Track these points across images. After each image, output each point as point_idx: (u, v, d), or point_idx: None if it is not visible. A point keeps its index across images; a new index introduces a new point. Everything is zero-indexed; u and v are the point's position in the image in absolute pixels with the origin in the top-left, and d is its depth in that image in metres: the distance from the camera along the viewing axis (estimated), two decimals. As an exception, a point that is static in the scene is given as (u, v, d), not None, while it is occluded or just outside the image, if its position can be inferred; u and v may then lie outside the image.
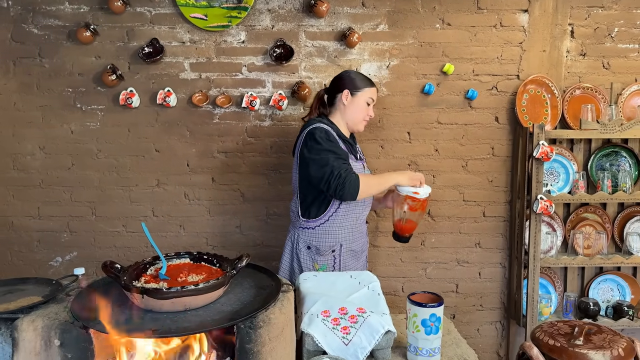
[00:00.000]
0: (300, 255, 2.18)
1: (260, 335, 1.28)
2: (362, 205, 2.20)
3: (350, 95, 2.17)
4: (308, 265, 2.17)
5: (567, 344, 1.49)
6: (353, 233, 2.20)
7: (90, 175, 2.72)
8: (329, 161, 2.01)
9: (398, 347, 1.68)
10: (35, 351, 1.28)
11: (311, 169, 2.05)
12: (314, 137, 2.06)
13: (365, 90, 2.18)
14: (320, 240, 2.16)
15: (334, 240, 2.17)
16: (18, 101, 2.66)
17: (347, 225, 2.17)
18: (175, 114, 2.68)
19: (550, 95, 2.69)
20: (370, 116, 2.23)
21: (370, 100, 2.20)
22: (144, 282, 1.40)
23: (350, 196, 2.01)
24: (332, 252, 2.18)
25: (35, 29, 2.62)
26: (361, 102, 2.18)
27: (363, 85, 2.18)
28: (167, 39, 2.62)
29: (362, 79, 2.20)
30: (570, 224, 2.79)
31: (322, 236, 2.16)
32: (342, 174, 1.98)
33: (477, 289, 2.86)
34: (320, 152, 2.03)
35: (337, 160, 2.02)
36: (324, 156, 2.02)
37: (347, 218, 2.16)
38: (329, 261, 2.18)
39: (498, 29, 2.67)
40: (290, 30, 2.64)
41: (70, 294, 1.45)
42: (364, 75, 2.24)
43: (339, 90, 2.19)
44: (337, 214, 2.14)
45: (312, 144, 2.05)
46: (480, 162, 2.76)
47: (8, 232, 2.76)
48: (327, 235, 2.16)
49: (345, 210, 2.15)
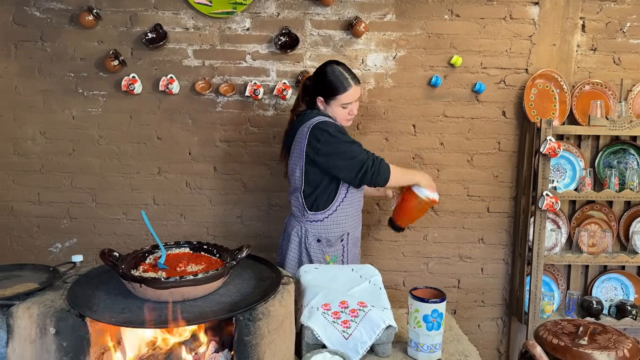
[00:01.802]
0: (310, 249, 2.15)
1: (259, 327, 1.26)
2: (361, 191, 2.20)
3: (325, 102, 2.12)
4: (319, 258, 2.15)
5: (571, 344, 1.47)
6: (356, 220, 2.22)
7: (91, 162, 2.69)
8: (356, 152, 2.02)
9: (399, 342, 1.66)
10: (30, 338, 1.26)
11: (338, 162, 2.02)
12: (328, 131, 2.01)
13: (338, 97, 2.08)
14: (329, 231, 2.14)
15: (342, 230, 2.16)
16: (19, 85, 2.63)
17: (351, 214, 2.17)
18: (177, 101, 2.64)
19: (559, 90, 2.64)
20: (352, 115, 2.15)
21: (344, 105, 2.10)
22: (142, 271, 1.38)
23: (384, 181, 2.05)
24: (341, 242, 2.17)
25: (38, 12, 2.58)
26: (336, 109, 2.11)
27: (336, 92, 2.07)
28: (171, 24, 2.58)
29: (336, 84, 2.07)
30: (575, 222, 2.75)
31: (331, 227, 2.14)
32: (376, 162, 2.03)
33: (479, 285, 2.84)
34: (340, 144, 2.01)
35: (362, 149, 2.04)
36: (347, 148, 2.02)
37: (352, 206, 2.16)
38: (339, 251, 2.18)
39: (508, 21, 2.62)
40: (295, 18, 2.59)
41: (68, 282, 1.43)
42: (343, 73, 2.08)
43: (315, 93, 2.13)
44: (344, 203, 2.13)
45: (328, 138, 2.01)
46: (486, 156, 2.72)
47: (8, 217, 2.74)
48: (336, 225, 2.15)
49: (351, 199, 2.14)
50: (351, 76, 2.10)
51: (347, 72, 2.10)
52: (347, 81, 2.08)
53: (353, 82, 2.09)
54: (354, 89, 2.09)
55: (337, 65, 2.11)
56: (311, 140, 2.04)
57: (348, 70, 2.11)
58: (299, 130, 2.11)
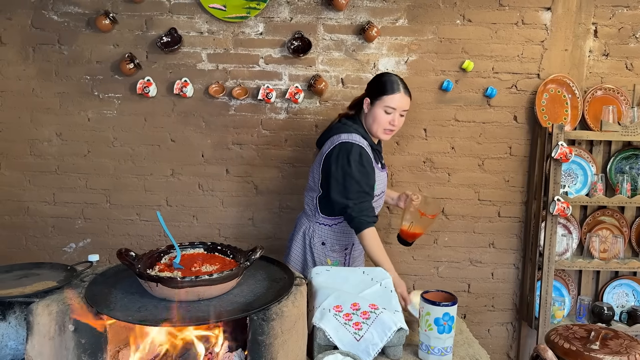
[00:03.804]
0: (314, 250, 2.17)
1: (273, 327, 1.28)
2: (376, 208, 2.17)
3: (370, 104, 2.08)
4: (322, 260, 2.17)
5: (582, 348, 1.47)
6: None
7: (106, 163, 2.73)
8: (350, 193, 1.99)
9: (409, 345, 1.67)
10: (49, 335, 1.28)
11: (332, 189, 2.02)
12: (348, 155, 2.00)
13: (384, 98, 2.03)
14: (336, 238, 2.17)
15: (348, 240, 2.18)
16: (37, 87, 2.68)
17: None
18: (191, 104, 2.68)
19: (571, 95, 2.64)
20: (393, 125, 2.06)
21: (388, 108, 2.04)
22: (158, 271, 1.40)
23: (356, 232, 2.02)
24: (344, 250, 2.20)
25: (55, 16, 2.63)
26: (378, 111, 2.05)
27: (383, 92, 2.04)
28: (186, 28, 2.62)
29: (385, 84, 2.04)
30: (586, 227, 2.74)
31: (338, 234, 2.17)
32: (355, 216, 1.97)
33: (490, 290, 2.83)
34: (346, 176, 1.99)
35: (359, 194, 1.99)
36: (347, 184, 1.99)
37: None
38: (341, 258, 2.20)
39: (520, 26, 2.63)
40: (308, 23, 2.62)
41: (85, 280, 1.46)
42: (395, 78, 2.06)
43: (365, 95, 2.12)
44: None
45: (343, 163, 2.00)
46: (497, 161, 2.73)
47: (24, 217, 2.79)
48: (343, 235, 2.17)
49: None
50: (403, 85, 2.06)
51: (401, 81, 2.08)
52: (397, 85, 2.04)
53: (403, 89, 2.05)
54: (401, 95, 2.04)
55: (394, 75, 2.11)
56: (333, 154, 2.03)
57: (402, 80, 2.09)
58: (332, 137, 2.09)
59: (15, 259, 1.89)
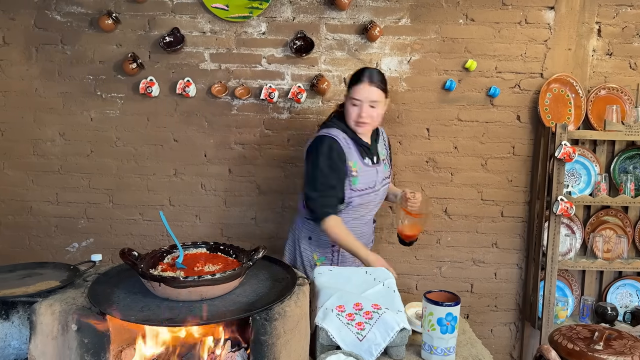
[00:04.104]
0: (302, 244, 2.19)
1: (276, 327, 1.28)
2: (365, 208, 2.15)
3: (346, 98, 2.10)
4: (308, 255, 2.18)
5: (586, 349, 1.47)
6: (354, 232, 2.12)
7: (109, 163, 2.74)
8: (316, 185, 2.01)
9: (412, 345, 1.67)
10: (52, 335, 1.28)
11: (304, 182, 2.09)
12: (317, 148, 2.02)
13: (350, 90, 2.05)
14: (320, 234, 2.14)
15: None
16: (40, 87, 2.68)
17: (348, 225, 2.10)
18: (194, 104, 2.68)
19: (575, 94, 2.63)
20: (361, 117, 2.03)
21: (354, 100, 2.03)
22: (161, 271, 1.40)
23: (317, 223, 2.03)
24: (331, 247, 2.17)
25: (58, 16, 2.63)
26: (348, 104, 2.06)
27: (349, 85, 2.07)
28: (188, 28, 2.62)
29: (352, 77, 2.07)
30: (590, 227, 2.73)
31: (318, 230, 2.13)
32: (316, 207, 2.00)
33: (492, 290, 2.83)
34: (314, 168, 2.02)
35: (324, 187, 2.00)
36: (315, 176, 2.01)
37: (350, 217, 2.12)
38: (328, 254, 2.18)
39: (523, 25, 2.62)
40: (311, 23, 2.62)
41: (88, 280, 1.46)
42: (364, 71, 2.05)
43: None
44: (340, 214, 2.09)
45: (312, 155, 2.04)
46: (500, 161, 2.72)
47: (27, 217, 2.79)
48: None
49: (346, 213, 2.10)
50: (369, 75, 2.03)
51: (371, 72, 2.05)
52: (363, 76, 2.03)
53: (368, 80, 2.02)
54: (365, 86, 2.01)
55: (368, 68, 2.10)
56: (308, 147, 2.10)
57: (374, 72, 2.06)
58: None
59: (18, 259, 1.89)
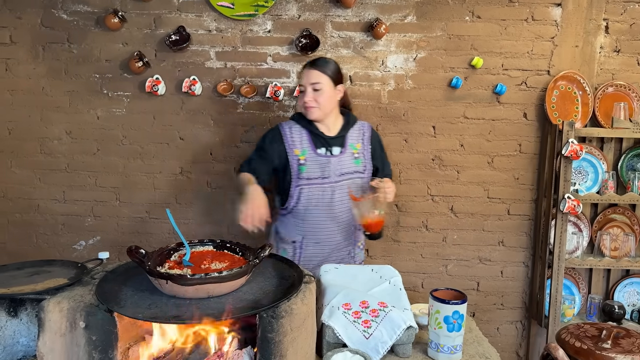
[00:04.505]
0: (271, 237, 2.26)
1: (282, 325, 1.28)
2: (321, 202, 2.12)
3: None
4: (277, 247, 2.22)
5: (594, 347, 1.46)
6: (319, 230, 2.15)
7: (115, 161, 2.75)
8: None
9: (418, 343, 1.66)
10: (60, 332, 1.29)
11: None
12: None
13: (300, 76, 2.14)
14: (283, 227, 2.21)
15: (293, 233, 2.18)
16: (46, 86, 2.70)
17: (311, 220, 2.14)
18: (200, 102, 2.68)
19: (582, 92, 2.62)
20: (306, 101, 2.08)
21: (300, 87, 2.12)
22: (168, 268, 1.40)
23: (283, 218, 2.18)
24: (292, 243, 2.19)
25: (65, 15, 2.64)
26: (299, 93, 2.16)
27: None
28: (194, 26, 2.62)
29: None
30: (597, 225, 2.72)
31: (285, 225, 2.20)
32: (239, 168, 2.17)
33: (499, 288, 2.82)
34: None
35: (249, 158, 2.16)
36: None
37: (309, 215, 2.13)
38: (290, 250, 2.19)
39: (529, 22, 2.61)
40: (316, 20, 2.61)
41: (95, 277, 1.47)
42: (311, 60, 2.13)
43: None
44: (298, 210, 2.14)
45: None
46: (507, 158, 2.71)
47: (34, 215, 2.81)
48: (288, 227, 2.19)
49: (305, 208, 2.13)
50: (313, 60, 2.12)
51: (317, 59, 2.14)
52: (307, 63, 2.13)
53: (309, 65, 2.11)
54: (305, 70, 2.10)
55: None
56: None
57: (319, 58, 2.15)
58: None
59: (25, 257, 1.90)
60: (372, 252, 2.79)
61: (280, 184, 2.19)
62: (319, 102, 2.08)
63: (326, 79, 2.08)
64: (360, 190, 2.13)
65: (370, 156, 2.24)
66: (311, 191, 2.12)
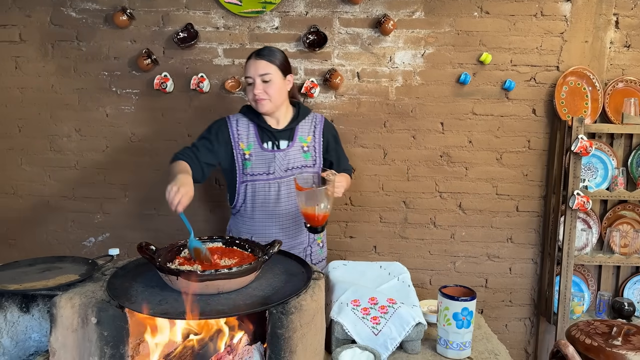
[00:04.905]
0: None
1: (292, 321, 1.28)
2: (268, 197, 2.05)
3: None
4: None
5: (604, 344, 1.45)
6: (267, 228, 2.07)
7: (124, 158, 2.76)
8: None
9: (427, 340, 1.67)
10: (72, 328, 1.30)
11: None
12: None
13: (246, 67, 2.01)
14: (235, 227, 2.15)
15: (245, 231, 2.10)
16: (56, 84, 2.71)
17: (258, 219, 2.07)
18: (208, 99, 2.69)
19: (591, 87, 2.60)
20: (255, 94, 1.96)
21: (247, 79, 2.00)
22: (178, 264, 1.41)
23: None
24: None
25: (74, 13, 2.65)
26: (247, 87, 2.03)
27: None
28: (202, 24, 2.63)
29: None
30: (607, 222, 2.70)
31: (238, 224, 2.13)
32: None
33: (507, 285, 2.81)
34: None
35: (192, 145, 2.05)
36: None
37: (256, 213, 2.07)
38: None
39: (538, 18, 2.59)
40: (324, 17, 2.61)
41: (106, 274, 1.48)
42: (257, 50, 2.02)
43: None
44: (245, 208, 2.07)
45: None
46: (516, 155, 2.69)
47: (44, 212, 2.83)
48: (240, 226, 2.12)
49: (251, 205, 2.06)
50: (257, 51, 2.01)
51: (262, 48, 2.03)
52: (253, 53, 2.01)
53: (254, 55, 1.99)
54: (252, 61, 1.98)
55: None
56: None
57: (264, 47, 2.03)
58: None
59: (35, 253, 1.92)
60: (380, 249, 2.79)
61: (228, 181, 2.12)
62: (269, 94, 1.97)
63: (275, 69, 1.97)
64: (309, 182, 1.95)
65: (321, 150, 2.14)
66: (256, 188, 2.04)
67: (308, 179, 1.95)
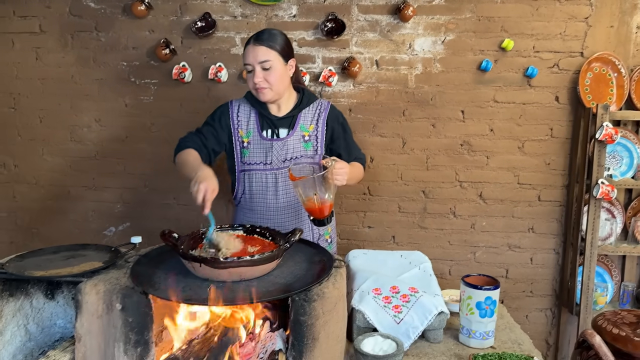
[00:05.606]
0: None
1: (315, 308, 1.28)
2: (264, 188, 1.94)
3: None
4: None
5: (632, 334, 1.42)
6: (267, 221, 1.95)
7: (143, 148, 2.78)
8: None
9: (449, 329, 1.65)
10: (97, 314, 1.31)
11: None
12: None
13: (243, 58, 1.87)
14: (237, 219, 2.05)
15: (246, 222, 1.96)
16: (75, 74, 2.73)
17: (257, 211, 1.96)
18: (225, 89, 2.69)
19: (617, 74, 2.53)
20: (256, 82, 1.83)
21: (246, 67, 1.85)
22: (201, 252, 1.41)
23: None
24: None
25: (92, 3, 2.66)
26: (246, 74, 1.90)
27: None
28: (219, 13, 2.62)
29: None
30: (631, 211, 2.65)
31: (237, 216, 2.05)
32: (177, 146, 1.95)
33: (528, 275, 2.77)
34: None
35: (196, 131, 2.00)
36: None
37: (255, 205, 1.96)
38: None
39: (562, 2, 2.53)
40: (342, 4, 2.58)
41: (129, 261, 1.49)
42: (254, 34, 1.86)
43: None
44: (245, 198, 1.98)
45: None
46: (538, 143, 2.65)
47: (65, 202, 2.86)
48: (241, 217, 2.02)
49: (250, 196, 1.97)
50: (256, 35, 1.85)
51: (258, 32, 1.87)
52: (249, 39, 1.86)
53: (253, 40, 1.84)
54: (250, 47, 1.83)
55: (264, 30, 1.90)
56: None
57: (263, 30, 1.87)
58: None
59: (58, 242, 1.94)
60: (399, 239, 2.78)
61: (230, 169, 2.02)
62: (270, 82, 1.84)
63: (275, 55, 1.83)
64: (306, 172, 1.82)
65: (324, 140, 1.97)
66: (253, 178, 1.93)
67: (304, 169, 1.86)
